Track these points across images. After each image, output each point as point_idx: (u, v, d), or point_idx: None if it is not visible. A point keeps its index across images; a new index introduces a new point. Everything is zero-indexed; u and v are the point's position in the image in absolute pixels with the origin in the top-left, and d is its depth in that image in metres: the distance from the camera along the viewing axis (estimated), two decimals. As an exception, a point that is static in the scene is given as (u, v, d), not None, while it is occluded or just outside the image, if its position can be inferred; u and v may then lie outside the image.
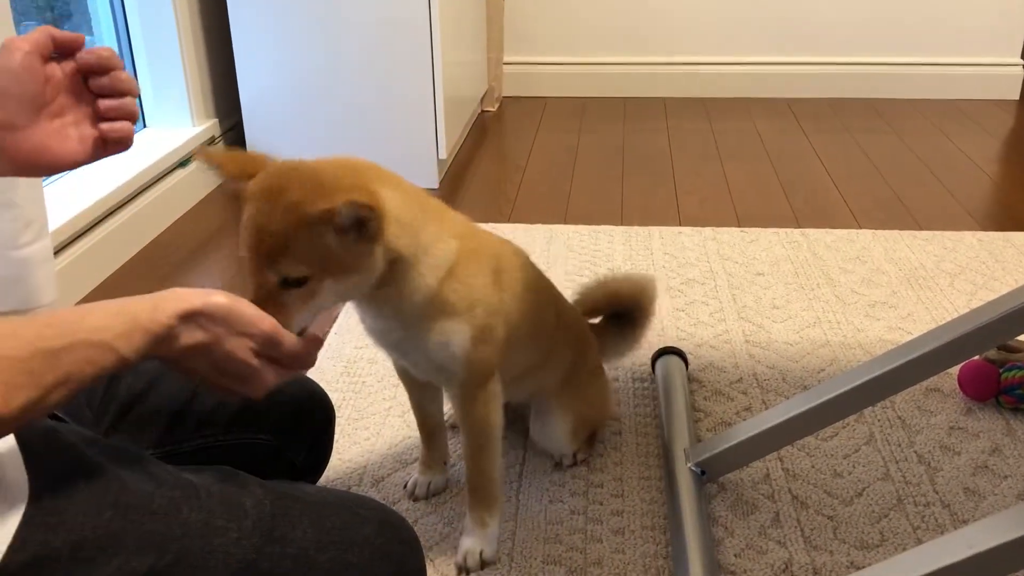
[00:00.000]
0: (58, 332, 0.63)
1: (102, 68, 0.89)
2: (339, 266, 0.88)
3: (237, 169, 0.89)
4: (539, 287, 1.23)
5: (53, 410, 0.64)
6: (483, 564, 1.17)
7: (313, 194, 0.84)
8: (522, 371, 1.23)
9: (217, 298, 0.74)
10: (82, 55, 0.88)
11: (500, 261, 1.11)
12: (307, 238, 0.84)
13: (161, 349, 0.70)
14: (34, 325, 0.63)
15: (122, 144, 0.91)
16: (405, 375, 1.24)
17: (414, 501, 1.30)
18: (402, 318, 1.02)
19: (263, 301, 0.82)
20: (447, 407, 1.35)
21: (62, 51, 0.88)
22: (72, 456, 0.71)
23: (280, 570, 0.75)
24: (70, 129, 0.87)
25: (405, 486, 1.32)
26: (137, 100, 2.52)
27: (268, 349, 0.78)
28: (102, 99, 0.89)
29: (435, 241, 0.99)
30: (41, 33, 0.86)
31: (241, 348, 0.75)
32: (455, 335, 1.03)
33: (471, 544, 1.18)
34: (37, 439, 0.70)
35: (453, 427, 1.41)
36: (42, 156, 0.85)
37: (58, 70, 0.87)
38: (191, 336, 0.71)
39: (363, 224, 0.86)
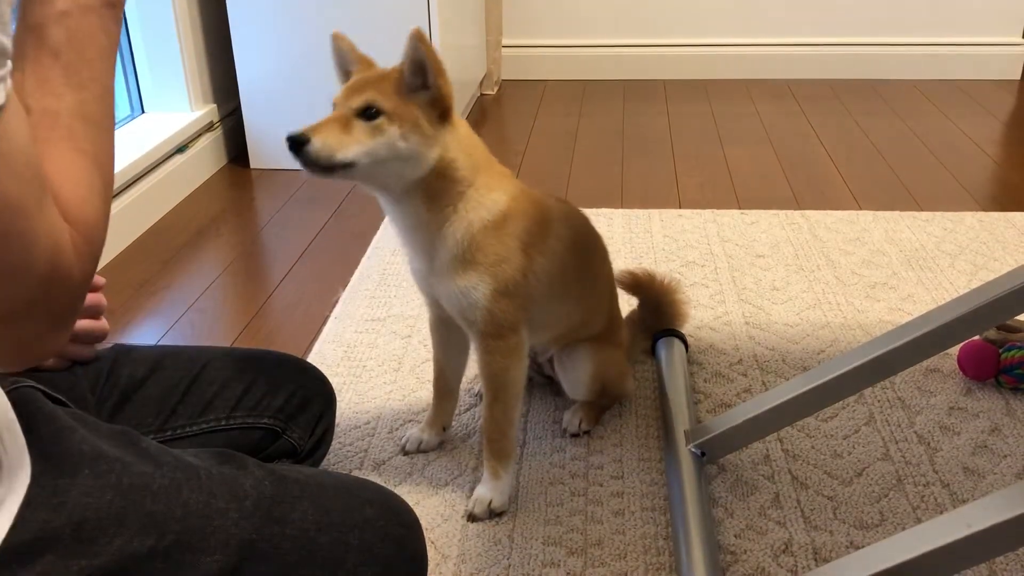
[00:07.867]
0: None
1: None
2: (407, 117, 1.04)
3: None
4: (588, 253, 1.30)
5: None
6: (491, 513, 1.22)
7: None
8: (564, 329, 1.31)
9: None
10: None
11: (548, 227, 1.18)
12: (388, 84, 1.06)
13: None
14: None
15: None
16: (437, 330, 1.30)
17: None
18: (436, 255, 1.12)
19: (336, 120, 1.04)
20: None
21: None
22: (74, 438, 0.71)
23: (280, 550, 0.75)
24: None
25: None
26: (136, 88, 2.51)
27: None
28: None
29: (488, 187, 1.12)
30: None
31: None
32: (479, 285, 1.11)
33: (482, 493, 1.23)
34: (39, 422, 0.70)
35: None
36: None
37: None
38: None
39: (424, 70, 1.05)
